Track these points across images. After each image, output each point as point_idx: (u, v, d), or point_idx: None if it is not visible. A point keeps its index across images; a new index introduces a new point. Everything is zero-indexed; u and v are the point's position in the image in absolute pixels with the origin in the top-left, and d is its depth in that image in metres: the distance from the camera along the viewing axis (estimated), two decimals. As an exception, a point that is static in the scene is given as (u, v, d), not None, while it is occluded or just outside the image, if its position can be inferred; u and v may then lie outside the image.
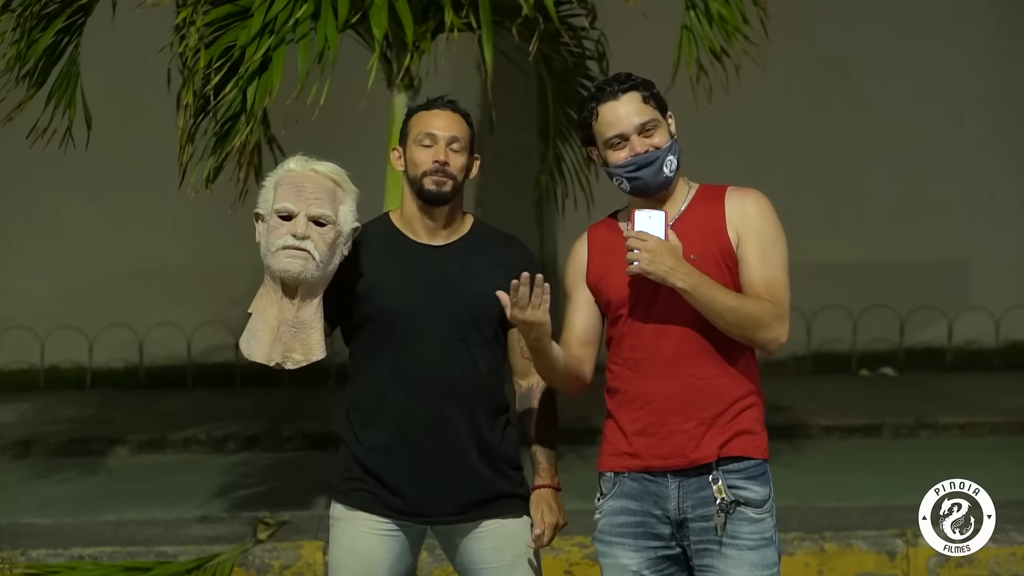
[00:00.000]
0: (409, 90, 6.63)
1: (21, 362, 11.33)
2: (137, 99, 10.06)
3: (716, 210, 3.80)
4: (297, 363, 3.81)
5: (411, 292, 3.90)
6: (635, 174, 3.77)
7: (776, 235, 3.78)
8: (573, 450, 8.07)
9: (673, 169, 3.79)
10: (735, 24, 6.28)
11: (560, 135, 7.70)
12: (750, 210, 3.78)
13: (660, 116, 3.80)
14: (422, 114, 3.97)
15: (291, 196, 3.76)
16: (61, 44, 6.47)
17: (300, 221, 3.74)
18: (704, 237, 3.76)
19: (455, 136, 3.93)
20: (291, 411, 9.89)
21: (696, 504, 3.75)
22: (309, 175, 3.80)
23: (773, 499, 3.80)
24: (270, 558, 6.43)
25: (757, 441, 3.79)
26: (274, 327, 3.79)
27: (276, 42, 5.79)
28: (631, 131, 3.77)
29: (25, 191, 11.38)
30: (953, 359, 11.74)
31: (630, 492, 3.81)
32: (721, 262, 3.75)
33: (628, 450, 3.81)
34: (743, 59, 6.34)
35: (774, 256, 3.76)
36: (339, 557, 3.98)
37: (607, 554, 3.85)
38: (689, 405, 3.75)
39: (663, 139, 3.79)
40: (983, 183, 12.06)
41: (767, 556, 3.75)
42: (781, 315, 3.73)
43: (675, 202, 3.84)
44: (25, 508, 7.40)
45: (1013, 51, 12.07)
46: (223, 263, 10.84)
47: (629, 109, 3.78)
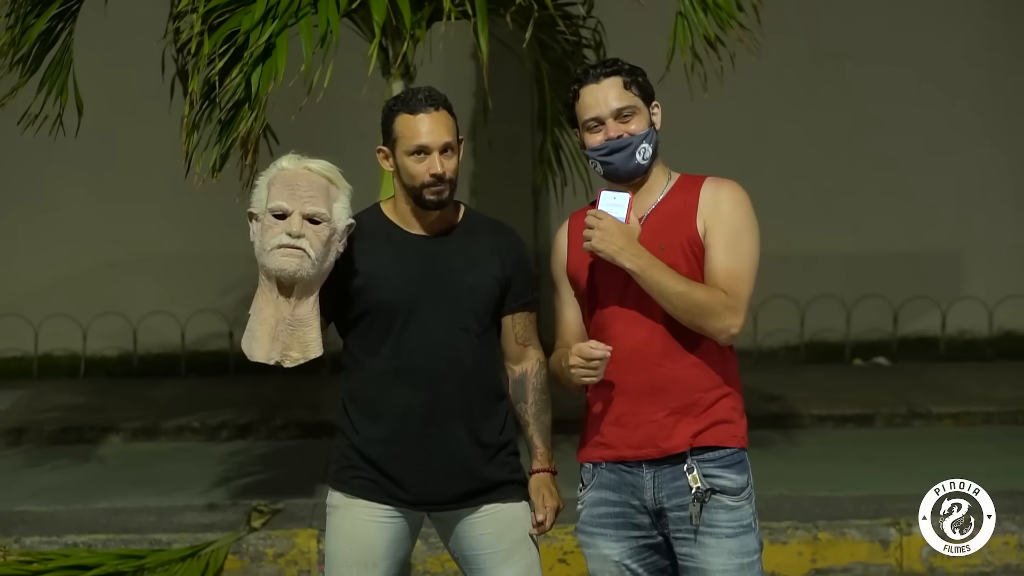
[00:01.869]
0: (404, 78, 6.62)
1: (14, 350, 11.32)
2: (131, 87, 10.06)
3: (690, 199, 3.79)
4: (295, 361, 3.81)
5: (408, 284, 3.89)
6: (607, 158, 3.78)
7: (746, 226, 3.75)
8: (567, 439, 8.05)
9: (647, 157, 3.78)
10: (729, 11, 6.27)
11: (558, 124, 7.69)
12: (722, 199, 3.76)
13: (641, 103, 3.80)
14: (406, 119, 3.89)
15: (285, 195, 3.75)
16: (55, 30, 6.45)
17: (295, 220, 3.73)
18: (674, 226, 3.76)
19: (447, 142, 3.88)
20: (285, 399, 9.88)
21: (672, 494, 3.75)
22: (303, 173, 3.79)
23: (752, 487, 3.79)
24: (264, 546, 6.43)
25: (733, 430, 3.78)
26: (272, 326, 3.79)
27: (279, 27, 5.79)
28: (607, 115, 3.77)
29: (18, 179, 11.36)
30: (946, 349, 11.75)
31: (608, 483, 3.82)
32: (688, 252, 3.74)
33: (603, 440, 3.82)
34: (737, 48, 6.34)
35: (740, 247, 3.73)
36: (337, 545, 3.97)
37: (590, 544, 3.87)
38: (660, 395, 3.74)
39: (640, 127, 3.78)
40: (977, 173, 12.07)
41: (746, 543, 3.74)
42: (734, 306, 3.68)
43: (653, 191, 3.84)
44: (19, 496, 7.39)
45: (1007, 42, 12.07)
46: (217, 251, 10.83)
47: (609, 94, 3.78)
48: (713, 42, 6.30)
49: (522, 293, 4.00)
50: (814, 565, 6.49)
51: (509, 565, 3.96)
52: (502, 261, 3.84)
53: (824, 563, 6.49)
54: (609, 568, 3.84)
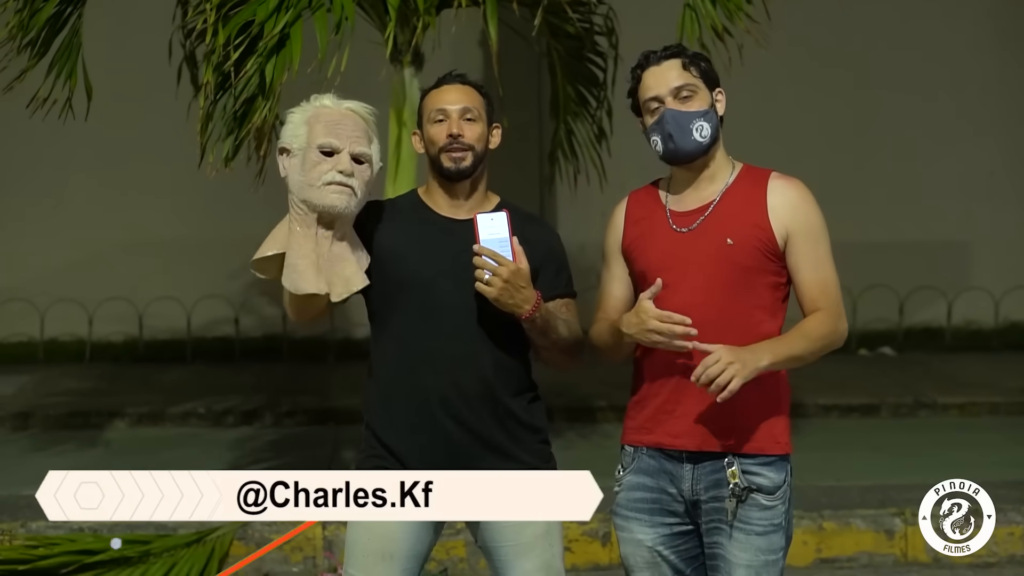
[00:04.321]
0: (412, 66, 6.62)
1: (21, 335, 11.34)
2: (138, 72, 10.04)
3: (756, 195, 3.79)
4: (339, 295, 3.81)
5: (431, 264, 3.87)
6: (665, 131, 3.76)
7: (822, 229, 3.81)
8: (572, 428, 8.08)
9: (705, 135, 3.77)
10: (737, 2, 6.26)
11: (570, 111, 7.68)
12: (797, 204, 3.79)
13: (703, 85, 3.81)
14: (432, 92, 3.97)
15: (332, 132, 3.78)
16: (64, 14, 6.44)
17: (344, 158, 3.77)
18: (743, 222, 3.76)
19: (467, 107, 3.90)
20: (291, 386, 9.89)
21: (709, 486, 3.76)
22: (347, 113, 3.84)
23: (789, 485, 3.80)
24: (269, 532, 6.44)
25: (777, 436, 3.78)
26: (314, 260, 3.79)
27: (293, 17, 5.78)
28: (666, 94, 3.77)
29: (26, 163, 11.37)
30: (952, 339, 11.76)
31: (647, 468, 3.83)
32: (763, 252, 3.75)
33: (645, 425, 3.83)
34: (745, 38, 6.33)
35: (824, 253, 3.80)
36: (357, 534, 3.92)
37: (624, 528, 3.88)
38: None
39: (700, 106, 3.78)
40: (983, 163, 12.06)
41: (774, 542, 3.76)
42: (839, 313, 3.78)
43: (716, 180, 3.83)
44: (25, 480, 7.34)
45: (1015, 32, 12.05)
46: (224, 237, 10.85)
47: (669, 74, 3.79)
48: (721, 33, 6.29)
49: (553, 284, 3.92)
50: (819, 555, 6.49)
51: (529, 558, 3.90)
52: (530, 251, 3.82)
53: (829, 552, 6.49)
54: (642, 553, 3.85)
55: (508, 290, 3.73)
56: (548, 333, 3.85)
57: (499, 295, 3.73)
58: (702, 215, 3.79)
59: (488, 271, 3.72)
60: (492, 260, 3.72)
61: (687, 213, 3.82)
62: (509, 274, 3.72)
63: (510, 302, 3.74)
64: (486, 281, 3.73)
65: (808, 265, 3.77)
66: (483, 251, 3.74)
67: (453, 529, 6.16)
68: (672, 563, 3.84)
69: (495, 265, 3.72)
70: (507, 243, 3.76)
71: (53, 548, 6.19)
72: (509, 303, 3.74)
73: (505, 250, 3.75)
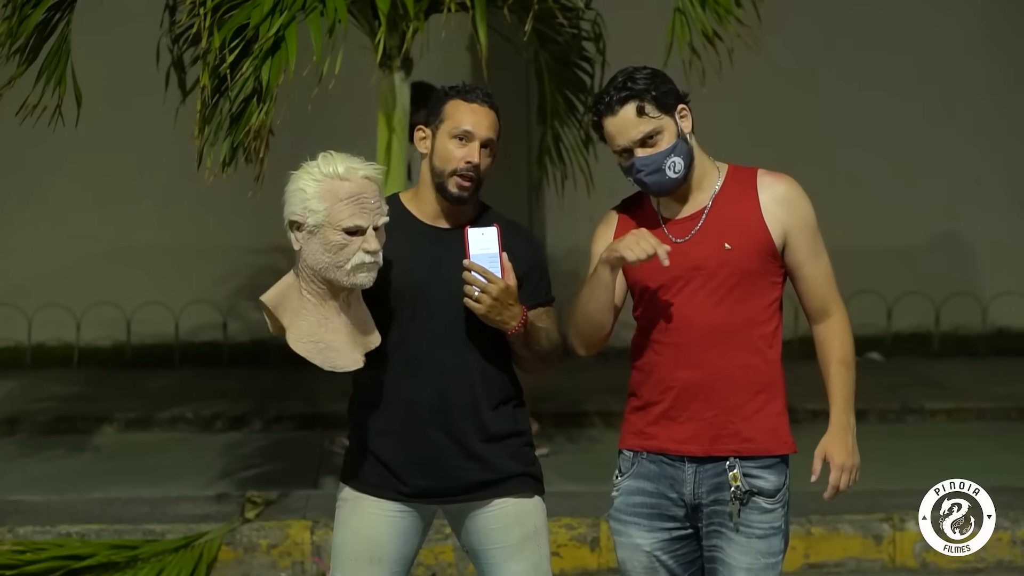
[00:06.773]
0: (402, 70, 6.62)
1: (8, 340, 11.29)
2: (126, 78, 10.03)
3: (747, 196, 3.82)
4: (367, 348, 3.81)
5: (416, 272, 3.87)
6: (638, 177, 3.78)
7: (815, 224, 3.90)
8: (562, 432, 8.08)
9: (679, 170, 3.77)
10: (727, 7, 6.28)
11: (557, 116, 7.69)
12: (791, 199, 3.85)
13: (664, 119, 3.77)
14: (460, 104, 3.91)
15: (356, 212, 3.69)
16: (52, 20, 6.44)
17: (371, 237, 3.70)
18: (739, 226, 3.79)
19: (490, 139, 3.90)
20: (279, 391, 9.87)
21: (711, 489, 3.79)
22: (364, 183, 3.73)
23: (788, 487, 3.84)
24: (257, 537, 6.44)
25: (781, 436, 3.87)
26: (346, 333, 3.78)
27: (288, 19, 5.79)
28: (631, 146, 3.77)
29: (12, 168, 11.32)
30: (940, 345, 11.75)
31: (647, 473, 3.84)
32: (762, 255, 3.80)
33: (647, 431, 3.84)
34: (735, 42, 6.34)
35: (820, 242, 3.92)
36: (344, 538, 3.95)
37: (621, 532, 3.89)
38: (709, 393, 3.78)
39: (668, 142, 3.77)
40: (972, 168, 12.06)
41: (773, 544, 3.80)
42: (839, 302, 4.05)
43: (704, 187, 3.85)
44: (12, 485, 7.39)
45: (1003, 38, 12.06)
46: (212, 243, 10.83)
47: (627, 126, 3.76)
48: (711, 37, 6.30)
49: (534, 294, 3.94)
50: (807, 560, 6.50)
51: (517, 561, 3.92)
52: (514, 262, 3.82)
53: (817, 558, 6.50)
54: (639, 557, 3.86)
55: (496, 307, 3.74)
56: (531, 345, 3.86)
57: (487, 312, 3.74)
58: (697, 222, 3.81)
59: (477, 287, 3.72)
60: (481, 276, 3.73)
61: (681, 221, 3.83)
62: (498, 292, 3.73)
63: (497, 318, 3.75)
64: (475, 298, 3.73)
65: (811, 258, 3.87)
66: (473, 267, 3.74)
67: (442, 534, 6.16)
68: (670, 568, 3.85)
69: (484, 282, 3.72)
70: (496, 259, 3.77)
71: (40, 553, 6.18)
72: (496, 319, 3.75)
73: (494, 266, 3.75)
